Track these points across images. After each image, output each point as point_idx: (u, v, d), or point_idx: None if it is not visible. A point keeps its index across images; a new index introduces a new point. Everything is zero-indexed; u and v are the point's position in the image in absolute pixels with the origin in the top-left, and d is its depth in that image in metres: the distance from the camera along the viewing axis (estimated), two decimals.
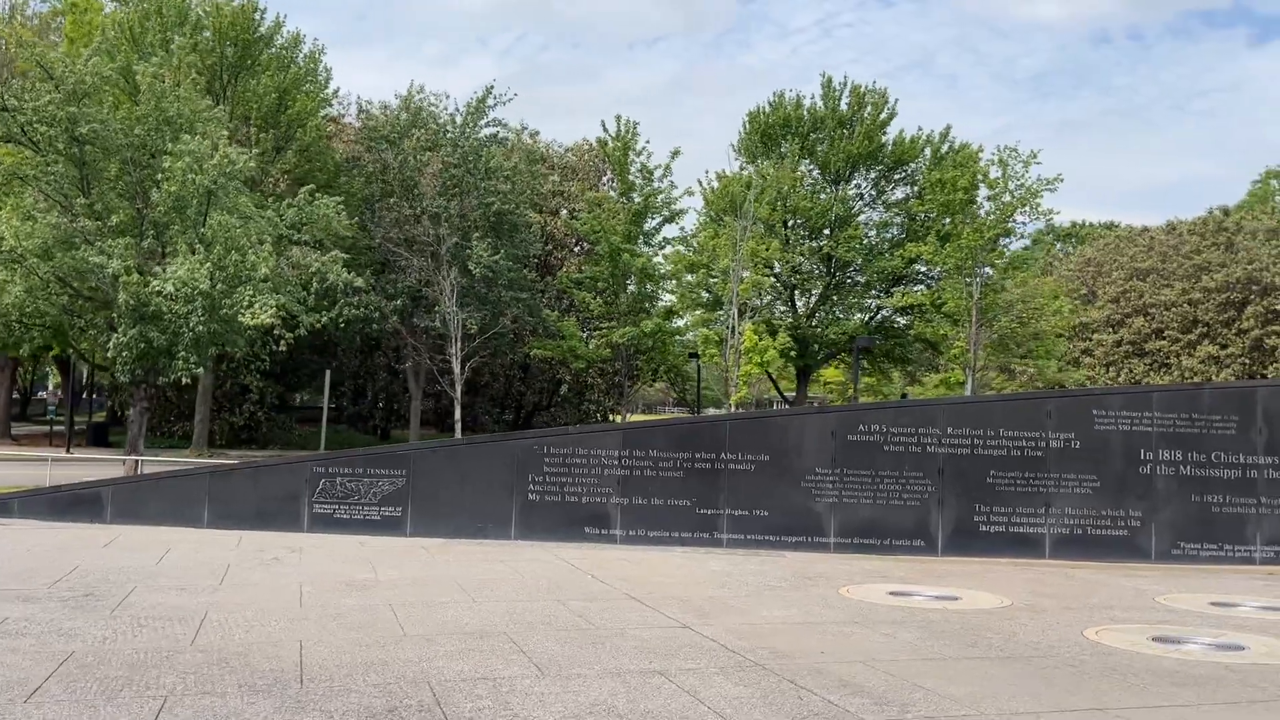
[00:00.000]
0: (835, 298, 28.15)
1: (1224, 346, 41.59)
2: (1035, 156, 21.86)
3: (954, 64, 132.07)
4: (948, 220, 23.41)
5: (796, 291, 28.42)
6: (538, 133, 31.59)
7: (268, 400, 25.40)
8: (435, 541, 10.54)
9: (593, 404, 27.23)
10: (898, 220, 28.01)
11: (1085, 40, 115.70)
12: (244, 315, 15.28)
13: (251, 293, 15.38)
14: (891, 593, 8.09)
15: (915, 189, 25.94)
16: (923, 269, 25.45)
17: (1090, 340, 45.71)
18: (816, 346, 27.72)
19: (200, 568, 8.25)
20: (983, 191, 22.93)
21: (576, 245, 26.94)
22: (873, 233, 28.35)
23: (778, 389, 33.16)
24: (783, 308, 28.26)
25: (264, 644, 5.65)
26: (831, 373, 37.39)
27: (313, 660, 5.29)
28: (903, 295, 26.12)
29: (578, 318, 25.61)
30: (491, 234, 23.07)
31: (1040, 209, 22.84)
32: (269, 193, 21.31)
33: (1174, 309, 43.24)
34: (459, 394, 22.43)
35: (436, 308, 22.45)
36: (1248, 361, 40.77)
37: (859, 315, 28.16)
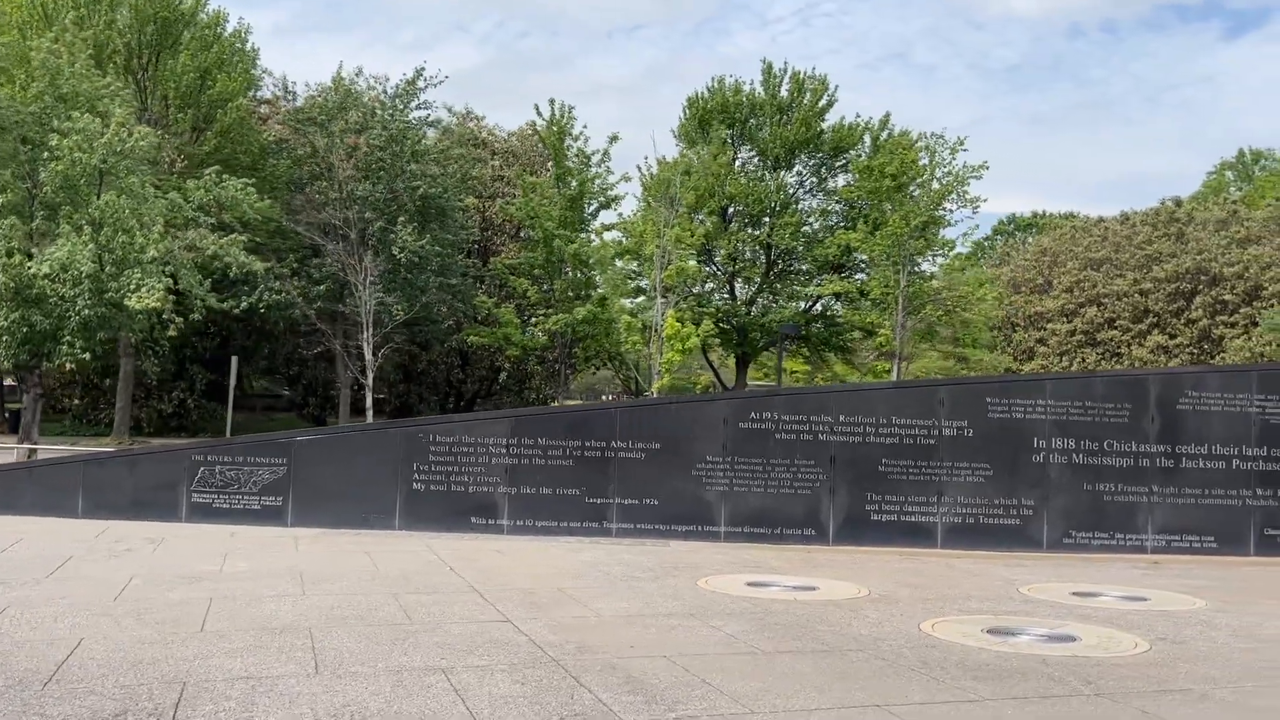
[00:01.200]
0: (779, 285, 28.00)
1: (1173, 336, 41.98)
2: (962, 143, 21.79)
3: (931, 55, 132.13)
4: (889, 208, 23.26)
5: (737, 279, 28.25)
6: (483, 117, 31.24)
7: (198, 387, 24.89)
8: (312, 532, 10.26)
9: (533, 391, 26.97)
10: (839, 208, 27.87)
11: (1060, 33, 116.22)
12: (130, 299, 14.82)
13: (140, 275, 14.92)
14: (750, 583, 7.93)
15: (855, 176, 25.83)
16: (863, 257, 25.34)
17: (1045, 330, 46.05)
18: (757, 334, 27.59)
19: (37, 560, 7.93)
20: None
21: (518, 232, 26.58)
22: (816, 220, 28.20)
23: (718, 378, 33.05)
24: (724, 295, 28.08)
25: (40, 642, 5.37)
26: (793, 363, 37.29)
27: (80, 660, 5.02)
28: (829, 283, 26.03)
29: (516, 305, 25.29)
30: (419, 218, 22.66)
31: (968, 197, 22.77)
32: (184, 174, 20.77)
33: (1126, 299, 43.60)
34: (370, 381, 22.06)
35: (354, 293, 22.00)
36: (1196, 351, 41.19)
37: (798, 303, 28.01)
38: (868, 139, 27.78)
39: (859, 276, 26.61)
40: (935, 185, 22.32)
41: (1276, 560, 10.78)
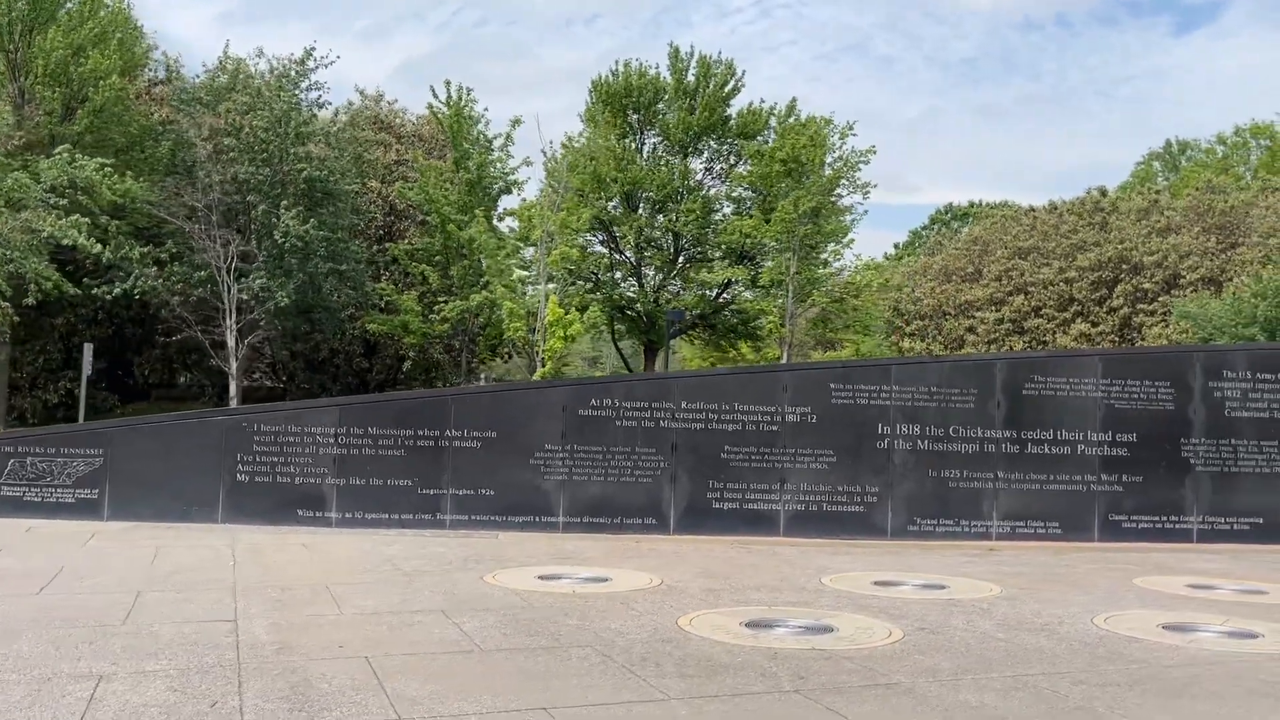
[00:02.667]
0: (691, 273, 27.75)
1: (1096, 324, 42.63)
2: (851, 128, 21.65)
3: (888, 47, 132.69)
4: (781, 193, 23.08)
5: (646, 266, 27.93)
6: (394, 101, 30.49)
7: (86, 377, 23.99)
8: (123, 526, 9.77)
9: (441, 380, 26.49)
10: (750, 194, 27.67)
11: (1014, 26, 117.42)
12: None
13: None
14: (541, 576, 7.64)
15: (773, 163, 25.53)
16: (772, 243, 25.15)
17: (974, 318, 46.54)
18: (664, 322, 27.33)
19: None
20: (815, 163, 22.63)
21: (423, 218, 25.99)
22: (728, 206, 27.97)
23: (628, 367, 32.78)
24: (632, 283, 27.75)
25: None
26: (703, 350, 36.82)
27: None
28: (721, 270, 25.83)
29: (419, 292, 24.73)
30: (305, 202, 21.98)
31: (859, 182, 22.65)
32: (48, 153, 19.85)
33: (1051, 287, 44.16)
34: (234, 369, 21.39)
35: (219, 279, 21.25)
36: (1117, 339, 41.89)
37: (710, 291, 27.74)
38: (774, 124, 27.57)
39: (768, 263, 26.46)
40: (828, 171, 22.16)
41: (1117, 545, 10.77)
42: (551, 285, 23.60)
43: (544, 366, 19.77)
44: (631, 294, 27.52)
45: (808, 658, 5.30)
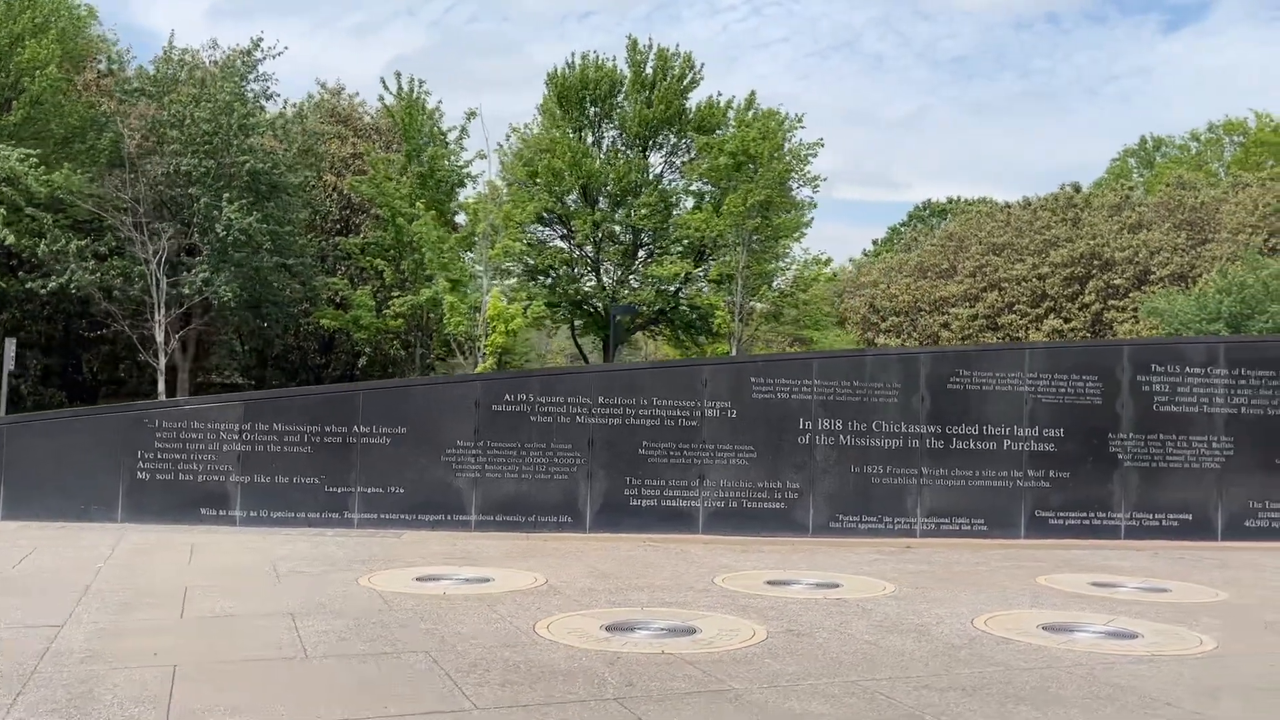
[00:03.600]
0: (649, 269, 27.38)
1: (1068, 320, 42.59)
2: (800, 121, 21.40)
3: (880, 44, 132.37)
4: (732, 187, 22.76)
5: (604, 262, 27.57)
6: (355, 94, 30.13)
7: (32, 373, 23.60)
8: (17, 525, 9.46)
9: (398, 375, 26.14)
10: (710, 189, 27.34)
11: (1007, 25, 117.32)
12: None
13: None
14: (419, 578, 7.37)
15: (720, 156, 25.14)
16: (732, 237, 24.83)
17: (949, 314, 46.47)
18: (626, 319, 26.99)
19: None
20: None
21: (376, 212, 25.57)
22: (689, 201, 27.66)
23: (587, 362, 32.49)
24: (590, 279, 27.40)
25: None
26: (664, 346, 36.21)
27: None
28: (669, 265, 25.50)
29: (374, 287, 24.38)
30: (250, 195, 21.58)
31: (808, 175, 22.42)
32: None
33: (1024, 284, 44.12)
34: (162, 365, 21.00)
35: (149, 272, 20.81)
36: (1089, 335, 41.85)
37: (663, 286, 27.38)
38: (733, 117, 27.22)
39: (718, 260, 26.09)
40: (777, 165, 21.90)
41: (1042, 543, 10.56)
42: (512, 281, 23.29)
43: (485, 361, 19.47)
44: (589, 289, 27.16)
45: (650, 663, 5.05)
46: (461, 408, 10.35)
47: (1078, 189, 47.03)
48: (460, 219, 24.67)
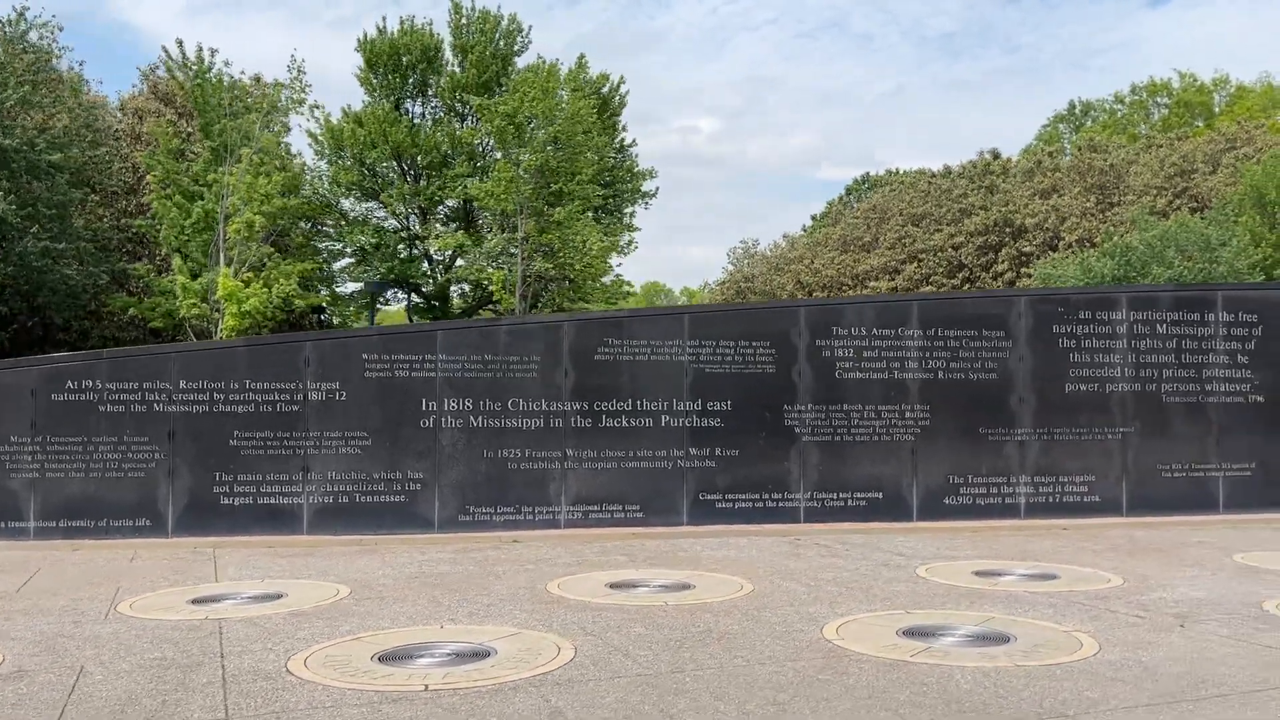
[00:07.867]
0: (484, 245, 25.78)
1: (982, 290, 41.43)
2: (585, 68, 19.83)
3: (867, 23, 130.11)
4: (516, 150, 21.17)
5: (430, 240, 25.91)
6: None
7: None
8: None
9: None
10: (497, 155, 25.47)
11: (994, 2, 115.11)
12: None
13: None
14: None
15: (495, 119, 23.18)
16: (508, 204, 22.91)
17: (869, 288, 45.27)
18: (459, 299, 25.58)
19: None
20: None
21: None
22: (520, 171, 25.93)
23: None
24: (419, 256, 25.86)
25: None
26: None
27: None
28: (448, 237, 23.95)
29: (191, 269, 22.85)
30: (4, 172, 20.03)
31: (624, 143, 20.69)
32: None
33: (941, 254, 42.92)
34: None
35: None
36: None
37: (484, 265, 25.74)
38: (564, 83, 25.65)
39: (491, 233, 24.09)
40: (561, 126, 20.37)
41: (706, 529, 9.31)
42: (228, 259, 21.03)
43: None
44: (426, 269, 25.62)
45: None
46: (15, 398, 9.00)
47: (996, 155, 45.74)
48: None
